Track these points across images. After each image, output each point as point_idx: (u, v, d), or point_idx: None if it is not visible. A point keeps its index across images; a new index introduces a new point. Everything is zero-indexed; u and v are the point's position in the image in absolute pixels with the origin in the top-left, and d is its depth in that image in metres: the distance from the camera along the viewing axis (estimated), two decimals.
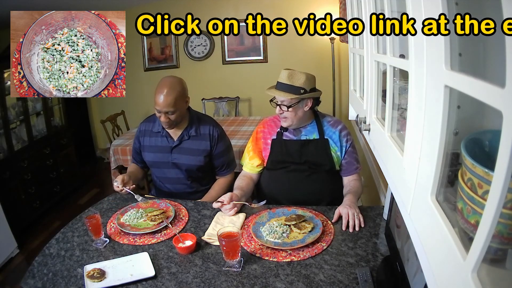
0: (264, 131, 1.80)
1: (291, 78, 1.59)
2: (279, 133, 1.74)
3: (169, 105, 1.68)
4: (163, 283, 1.18)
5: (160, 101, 1.68)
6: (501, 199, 0.34)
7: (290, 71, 1.61)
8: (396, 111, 0.79)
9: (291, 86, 1.59)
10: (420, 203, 0.56)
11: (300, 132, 1.72)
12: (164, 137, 1.86)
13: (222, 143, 1.90)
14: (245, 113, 4.55)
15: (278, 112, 1.65)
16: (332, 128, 1.72)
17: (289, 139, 1.72)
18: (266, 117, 1.88)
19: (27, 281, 1.23)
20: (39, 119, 3.57)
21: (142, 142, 1.92)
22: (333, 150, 1.70)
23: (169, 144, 1.86)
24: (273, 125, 1.79)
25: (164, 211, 1.60)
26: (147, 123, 1.93)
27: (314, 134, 1.71)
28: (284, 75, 1.60)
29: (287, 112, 1.62)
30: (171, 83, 1.72)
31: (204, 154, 1.86)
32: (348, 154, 1.72)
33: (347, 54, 2.11)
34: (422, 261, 0.56)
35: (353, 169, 1.73)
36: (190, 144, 1.85)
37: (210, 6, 4.17)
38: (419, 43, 0.54)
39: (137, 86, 4.65)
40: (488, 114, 0.50)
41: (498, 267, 0.43)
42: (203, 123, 1.87)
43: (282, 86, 1.61)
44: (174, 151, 1.85)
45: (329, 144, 1.69)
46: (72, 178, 3.88)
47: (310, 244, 1.32)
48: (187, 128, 1.85)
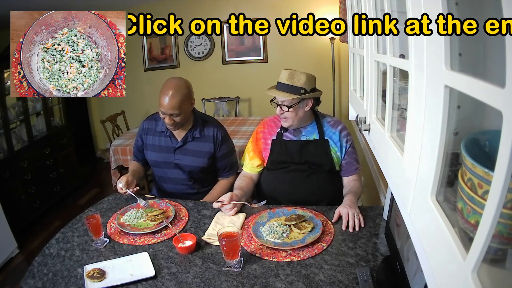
0: (264, 131, 1.80)
1: (292, 78, 1.59)
2: (279, 133, 1.74)
3: (174, 107, 1.67)
4: (163, 283, 1.18)
5: (165, 103, 1.66)
6: (501, 199, 0.34)
7: (291, 71, 1.60)
8: (396, 111, 0.79)
9: (292, 86, 1.59)
10: (420, 203, 0.56)
11: (300, 133, 1.72)
12: (168, 137, 1.85)
13: (226, 146, 1.89)
14: (245, 113, 4.55)
15: (279, 112, 1.65)
16: (332, 129, 1.72)
17: (289, 140, 1.73)
18: (266, 117, 1.89)
19: (27, 281, 1.23)
20: (39, 119, 3.57)
21: (145, 140, 1.91)
22: (333, 151, 1.70)
23: (172, 145, 1.85)
24: (273, 125, 1.79)
25: (164, 211, 1.59)
26: (150, 121, 1.91)
27: (314, 134, 1.71)
28: (285, 75, 1.60)
29: (287, 112, 1.62)
30: (177, 85, 1.70)
31: (207, 156, 1.85)
32: (348, 154, 1.72)
33: (347, 54, 2.11)
34: (422, 261, 0.56)
35: (353, 169, 1.73)
36: (193, 145, 1.84)
37: (210, 6, 4.17)
38: (419, 43, 0.54)
39: (137, 86, 4.65)
40: (488, 114, 0.50)
41: (498, 267, 0.43)
42: (207, 125, 1.86)
43: (283, 86, 1.60)
44: (177, 152, 1.85)
45: (329, 144, 1.69)
46: (72, 178, 3.88)
47: (310, 244, 1.32)
48: (191, 129, 1.84)
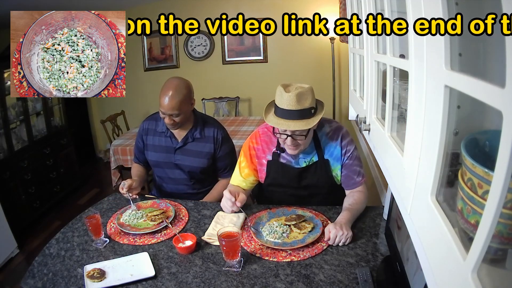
0: (257, 148, 1.61)
1: (300, 101, 1.34)
2: (276, 154, 1.57)
3: (174, 108, 1.66)
4: (163, 283, 1.18)
5: (165, 103, 1.66)
6: (501, 199, 0.34)
7: (296, 92, 1.34)
8: (396, 111, 0.79)
9: (303, 111, 1.35)
10: (420, 203, 0.56)
11: (298, 156, 1.55)
12: (168, 137, 1.85)
13: (227, 146, 1.89)
14: (245, 113, 4.55)
15: (291, 144, 1.41)
16: (332, 142, 1.54)
17: (287, 163, 1.56)
18: (257, 129, 1.67)
19: (27, 281, 1.23)
20: (39, 119, 3.57)
21: (145, 140, 1.90)
22: (335, 170, 1.55)
23: (173, 145, 1.84)
24: (267, 141, 1.60)
25: (164, 211, 1.60)
26: (151, 121, 1.91)
27: (313, 154, 1.55)
28: (292, 99, 1.33)
29: (302, 140, 1.42)
30: (177, 85, 1.69)
31: (207, 156, 1.85)
32: (346, 167, 1.54)
33: (347, 54, 2.11)
34: (422, 261, 0.56)
35: (351, 183, 1.54)
36: (194, 146, 1.84)
37: (210, 6, 4.17)
38: (419, 43, 0.54)
39: (137, 86, 4.65)
40: (488, 114, 0.50)
41: (498, 267, 0.43)
42: (207, 125, 1.86)
43: (294, 114, 1.34)
44: (177, 152, 1.84)
45: (330, 164, 1.54)
46: (72, 178, 3.88)
47: (310, 244, 1.32)
48: (191, 129, 1.83)
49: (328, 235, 1.31)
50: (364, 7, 0.94)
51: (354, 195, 1.53)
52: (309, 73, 4.22)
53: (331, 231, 1.31)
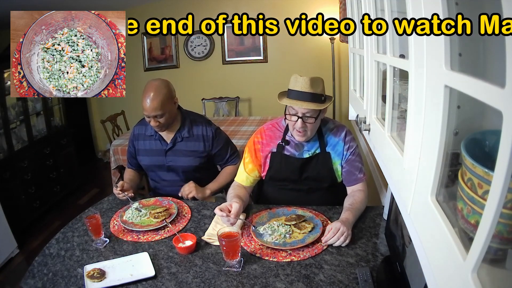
0: (262, 142, 1.65)
1: (313, 85, 1.43)
2: (280, 146, 1.61)
3: (156, 108, 1.66)
4: (163, 283, 1.18)
5: (147, 105, 1.66)
6: (501, 199, 0.34)
7: (310, 77, 1.44)
8: (396, 111, 0.79)
9: (315, 95, 1.43)
10: (420, 203, 0.56)
11: (302, 147, 1.59)
12: (157, 140, 1.84)
13: (220, 140, 1.88)
14: (245, 113, 4.54)
15: (300, 126, 1.46)
16: (335, 137, 1.59)
17: (291, 155, 1.60)
18: (262, 126, 1.72)
19: (27, 281, 1.23)
20: (39, 119, 3.57)
21: (136, 145, 1.90)
22: (335, 164, 1.58)
23: (162, 147, 1.84)
24: (271, 135, 1.65)
25: (167, 208, 1.61)
26: (140, 126, 1.91)
27: (316, 147, 1.59)
28: (306, 83, 1.43)
29: (310, 124, 1.47)
30: (156, 86, 1.69)
31: (199, 155, 1.84)
32: (348, 162, 1.57)
33: (347, 54, 2.11)
34: (422, 261, 0.56)
35: (353, 179, 1.57)
36: (183, 145, 1.83)
37: (211, 6, 4.17)
38: (419, 43, 0.54)
39: (137, 86, 4.61)
40: (488, 114, 0.50)
41: (498, 267, 0.43)
42: (195, 124, 1.85)
43: (307, 96, 1.42)
44: (168, 154, 1.84)
45: (331, 157, 1.58)
46: (72, 178, 3.88)
47: (310, 244, 1.32)
48: (179, 129, 1.83)
49: (330, 231, 1.31)
50: (364, 7, 0.94)
51: (355, 194, 1.54)
52: (309, 73, 4.16)
53: (335, 226, 1.31)
